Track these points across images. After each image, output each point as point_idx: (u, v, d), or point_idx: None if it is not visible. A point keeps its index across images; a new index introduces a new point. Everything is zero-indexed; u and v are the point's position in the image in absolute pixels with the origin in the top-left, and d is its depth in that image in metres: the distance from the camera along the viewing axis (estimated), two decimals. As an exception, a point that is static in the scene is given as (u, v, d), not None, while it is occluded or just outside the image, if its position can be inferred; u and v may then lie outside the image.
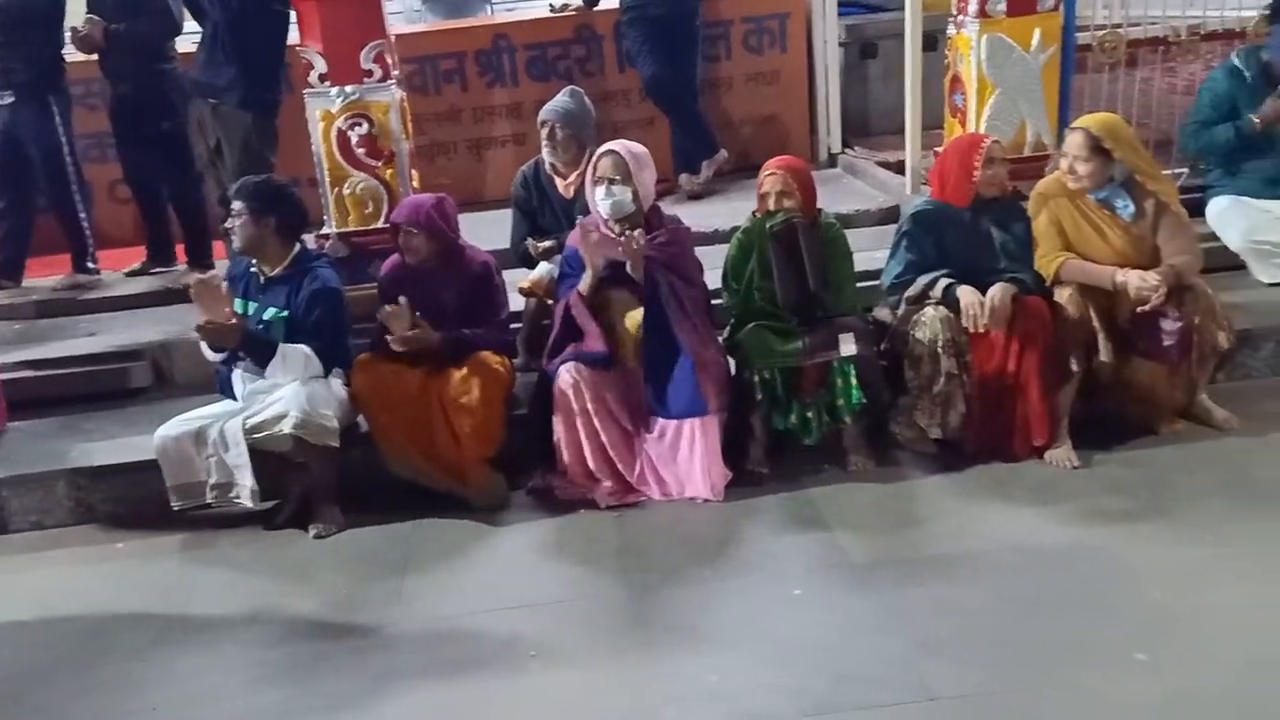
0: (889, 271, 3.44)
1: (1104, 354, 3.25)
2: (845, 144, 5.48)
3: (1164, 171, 4.33)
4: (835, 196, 4.88)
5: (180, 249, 4.75)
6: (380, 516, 3.38)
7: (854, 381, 3.29)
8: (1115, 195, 3.32)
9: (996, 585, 2.73)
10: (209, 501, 3.34)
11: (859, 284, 3.63)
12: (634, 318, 3.31)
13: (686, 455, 3.28)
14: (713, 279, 3.52)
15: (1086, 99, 4.50)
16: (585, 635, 2.74)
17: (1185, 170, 4.41)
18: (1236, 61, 4.11)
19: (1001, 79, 4.01)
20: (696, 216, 4.69)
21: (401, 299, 3.28)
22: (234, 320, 3.26)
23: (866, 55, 5.63)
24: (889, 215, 4.53)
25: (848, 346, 3.24)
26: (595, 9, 5.26)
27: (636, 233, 3.25)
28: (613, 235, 3.31)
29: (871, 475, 3.35)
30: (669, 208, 4.91)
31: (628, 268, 3.25)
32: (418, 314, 3.30)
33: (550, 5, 5.46)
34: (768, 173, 3.38)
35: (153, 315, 4.37)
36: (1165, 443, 3.35)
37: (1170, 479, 3.15)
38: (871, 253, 3.89)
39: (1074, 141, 3.30)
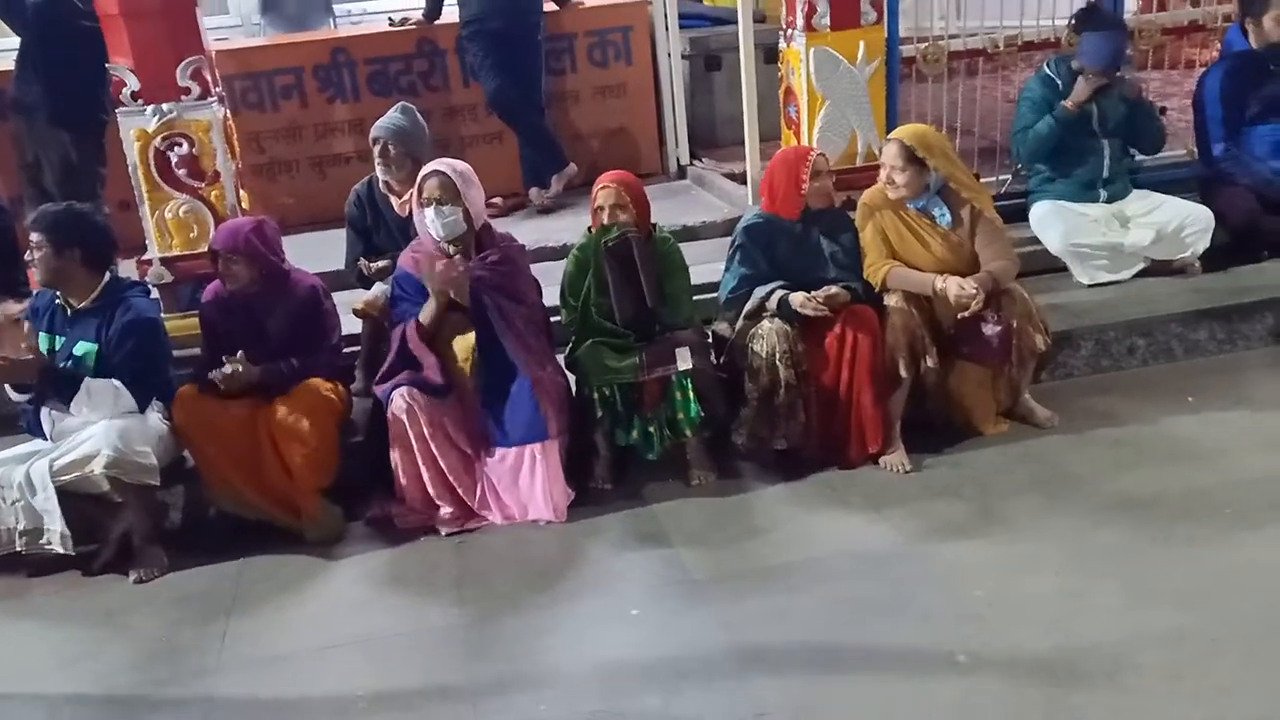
0: (724, 285, 3.40)
1: (930, 359, 3.27)
2: (694, 155, 5.45)
3: (989, 178, 4.49)
4: (683, 208, 4.85)
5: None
6: (207, 557, 3.16)
7: (692, 395, 3.24)
8: (932, 204, 3.35)
9: (828, 593, 2.71)
10: (18, 549, 3.06)
11: (704, 296, 3.60)
12: (463, 342, 3.18)
13: (528, 478, 3.17)
14: (557, 295, 3.41)
15: (914, 109, 4.58)
16: (417, 672, 2.59)
17: (1009, 177, 4.53)
18: (1048, 70, 4.23)
19: (830, 91, 4.03)
20: (546, 231, 4.60)
21: (240, 354, 3.08)
22: (30, 355, 2.99)
23: (711, 67, 5.61)
24: (733, 227, 4.49)
25: (684, 361, 3.19)
26: (436, 23, 5.08)
27: (456, 257, 3.12)
28: (446, 257, 3.17)
29: (713, 489, 3.30)
30: (519, 222, 4.84)
31: (452, 293, 3.11)
32: (238, 354, 3.10)
33: (389, 19, 5.25)
34: (600, 186, 3.30)
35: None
36: (991, 443, 3.40)
37: (994, 479, 3.19)
38: (716, 264, 3.85)
39: (890, 152, 3.32)
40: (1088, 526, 2.89)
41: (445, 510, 3.17)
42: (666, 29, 5.27)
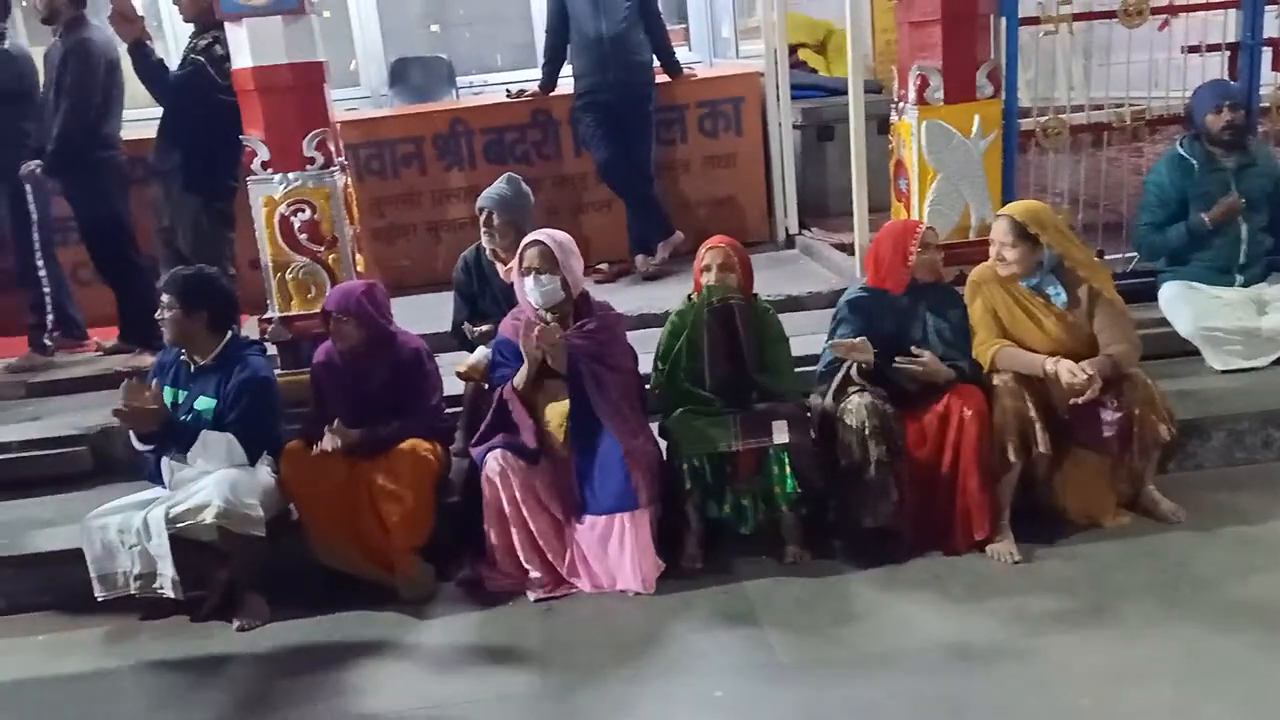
0: (823, 358, 3.38)
1: (1041, 445, 3.16)
2: (803, 225, 5.47)
3: (1115, 255, 4.35)
4: (790, 277, 4.86)
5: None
6: (307, 609, 3.27)
7: (789, 470, 3.20)
8: (1046, 282, 3.27)
9: (922, 689, 2.61)
10: (132, 592, 3.23)
11: (806, 368, 3.58)
12: (558, 408, 3.24)
13: (617, 548, 3.18)
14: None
15: (1034, 181, 4.49)
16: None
17: (1136, 254, 4.37)
18: (1181, 150, 4.08)
19: (942, 164, 4.00)
20: (650, 298, 4.68)
21: (336, 423, 3.23)
22: (153, 406, 3.20)
23: (823, 138, 5.65)
24: (839, 298, 4.48)
25: (780, 434, 3.16)
26: (551, 94, 5.30)
27: (552, 325, 3.20)
28: (543, 324, 3.26)
29: (807, 568, 3.24)
30: (624, 289, 4.94)
31: (547, 359, 3.19)
32: (335, 423, 3.24)
33: (507, 90, 5.50)
34: (709, 247, 3.33)
35: (98, 399, 4.31)
36: (1109, 536, 3.24)
37: (1110, 575, 3.03)
38: (820, 336, 3.83)
39: (999, 228, 3.27)
40: (1210, 634, 2.71)
41: (534, 575, 3.21)
42: (778, 99, 5.34)
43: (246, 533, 3.18)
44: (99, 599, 3.23)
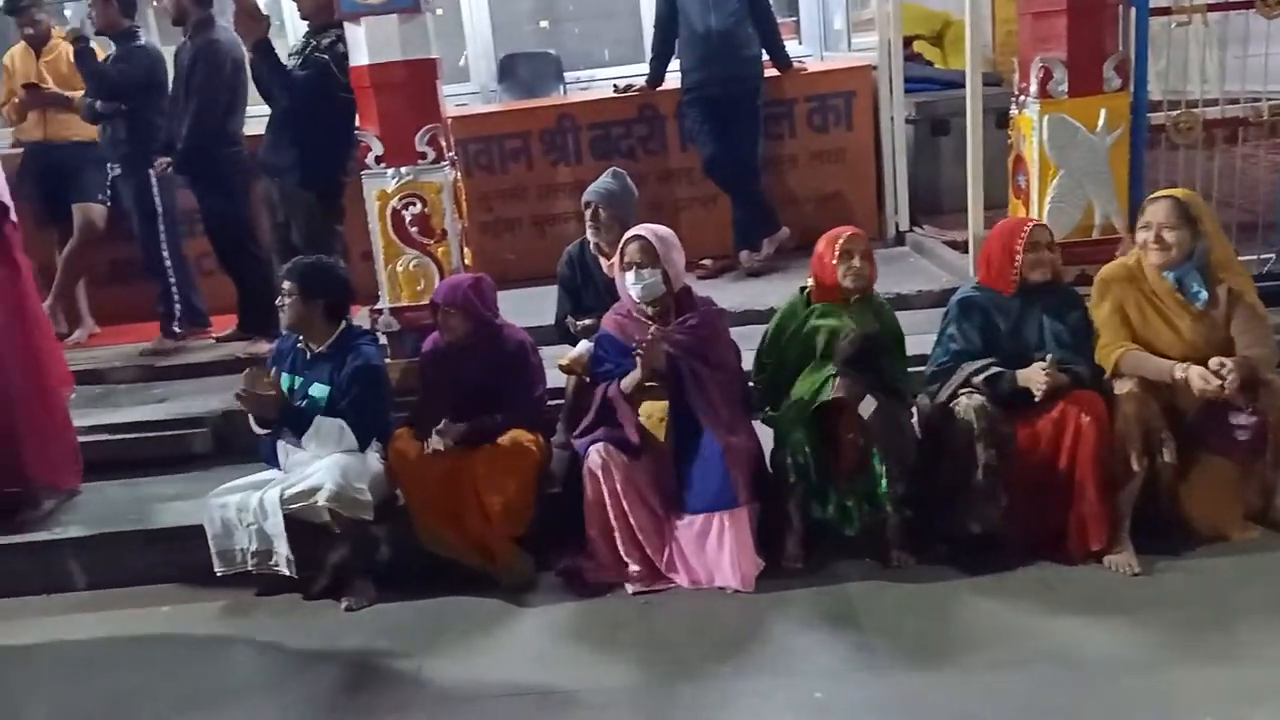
0: (933, 358, 3.34)
1: (1168, 454, 3.06)
2: (914, 222, 5.39)
3: (1248, 256, 4.16)
4: (899, 275, 4.80)
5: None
6: (411, 592, 3.40)
7: (885, 469, 3.17)
8: (1191, 277, 3.13)
9: (1030, 700, 2.57)
10: (249, 568, 3.41)
11: (914, 368, 3.54)
12: (651, 406, 3.29)
13: (715, 545, 3.21)
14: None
15: (1163, 178, 4.32)
16: (593, 729, 2.68)
17: (1273, 256, 4.18)
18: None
19: (1065, 160, 3.89)
20: (754, 294, 4.70)
21: (444, 423, 3.33)
22: (272, 392, 3.37)
23: (938, 132, 5.56)
24: (949, 297, 4.41)
25: (867, 406, 3.13)
26: (658, 89, 5.35)
27: (652, 331, 3.23)
28: (645, 319, 3.31)
29: (912, 573, 3.21)
30: (727, 285, 4.96)
31: (636, 360, 3.24)
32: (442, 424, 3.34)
33: (614, 86, 5.58)
34: (850, 232, 3.30)
35: (220, 384, 4.55)
36: (1236, 550, 3.12)
37: (1235, 592, 2.92)
38: (930, 336, 3.78)
39: (1160, 210, 3.12)
40: (1344, 658, 2.59)
41: (633, 569, 3.26)
42: (891, 93, 5.28)
43: (356, 516, 3.33)
44: (218, 574, 3.42)
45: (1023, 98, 4.03)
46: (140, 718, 2.92)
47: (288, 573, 3.36)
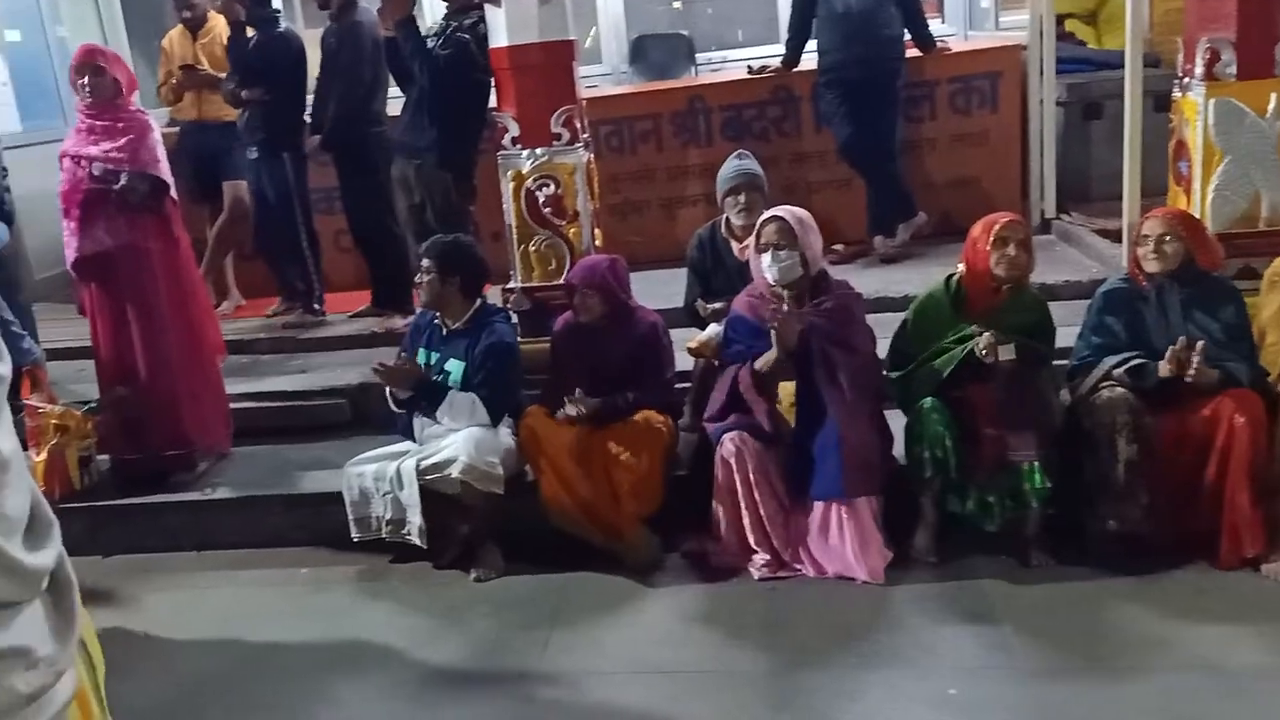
0: (1075, 352, 3.27)
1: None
2: (1061, 209, 5.23)
3: None
4: (1045, 265, 4.61)
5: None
6: (538, 566, 3.52)
7: (1038, 465, 3.11)
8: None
9: (1172, 707, 2.51)
10: (383, 536, 3.59)
11: (1059, 362, 3.46)
12: (787, 388, 3.30)
13: (837, 535, 3.23)
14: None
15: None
16: (717, 711, 2.73)
17: None
18: None
19: (1231, 146, 3.72)
20: (888, 281, 4.65)
21: (579, 393, 3.43)
22: (409, 365, 3.52)
23: (1090, 115, 5.37)
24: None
25: (1006, 351, 3.08)
26: (794, 70, 5.33)
27: (788, 313, 3.25)
28: (779, 301, 3.33)
29: (1053, 572, 3.16)
30: (859, 270, 4.93)
31: (772, 338, 3.25)
32: (578, 393, 3.43)
33: (748, 67, 5.58)
34: (1008, 218, 3.24)
35: (357, 357, 4.78)
36: None
37: None
38: (1074, 329, 3.69)
39: None
40: None
41: (760, 555, 3.30)
42: (1041, 74, 5.14)
43: (487, 489, 3.46)
44: (354, 540, 3.61)
45: (1186, 80, 3.86)
46: (280, 675, 3.10)
47: (419, 542, 3.53)
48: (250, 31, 4.98)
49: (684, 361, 3.81)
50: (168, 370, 4.04)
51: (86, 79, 3.94)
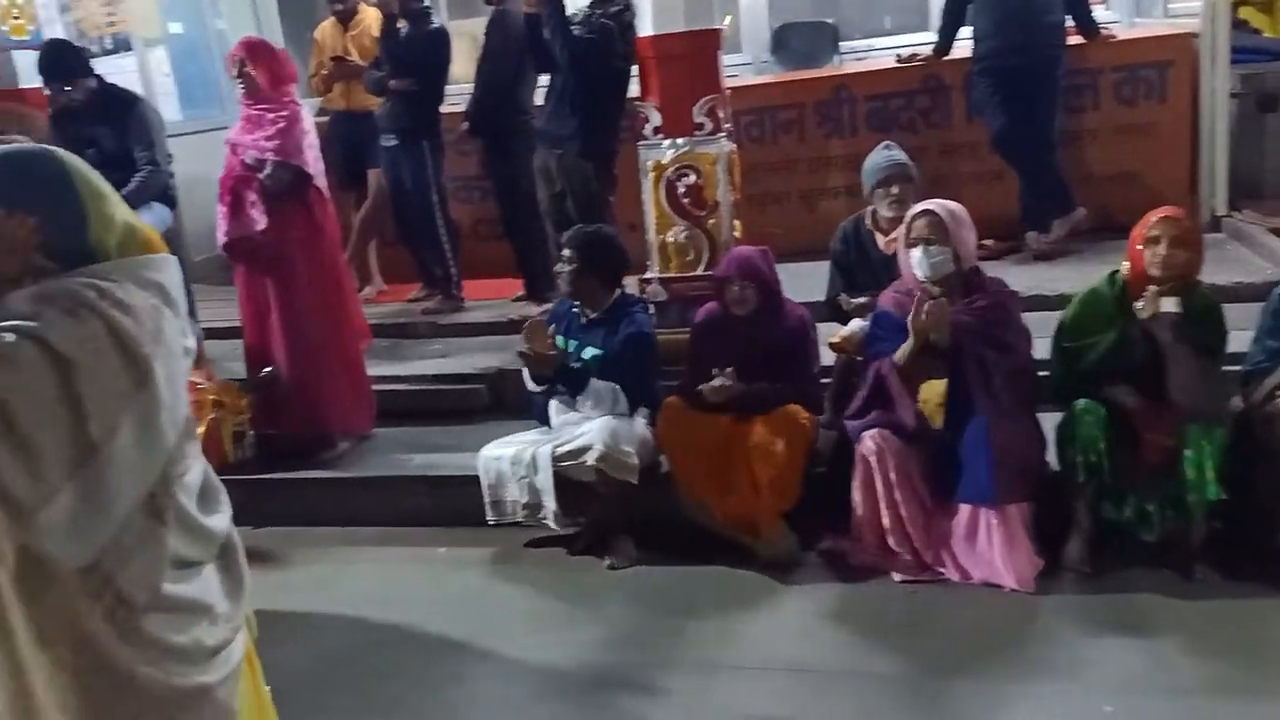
0: (1249, 357, 3.12)
1: None
2: (1233, 206, 4.97)
3: None
4: (1214, 264, 4.39)
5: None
6: (670, 557, 3.56)
7: (1210, 473, 2.98)
8: None
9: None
10: (519, 519, 3.69)
11: (1230, 367, 3.30)
12: (933, 386, 3.25)
13: (985, 541, 3.16)
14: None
15: None
16: (852, 711, 2.72)
17: None
18: None
19: None
20: (1042, 278, 4.52)
21: (730, 371, 3.44)
22: (552, 351, 3.61)
23: (1265, 108, 5.10)
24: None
25: (1170, 304, 2.98)
26: (945, 59, 5.22)
27: (940, 300, 3.19)
28: (929, 298, 3.27)
29: (1219, 587, 3.02)
30: (1010, 267, 4.79)
31: (931, 336, 3.20)
32: (729, 372, 3.44)
33: (897, 56, 5.49)
34: (1162, 214, 3.12)
35: (495, 343, 4.92)
36: None
37: None
38: (1248, 333, 3.51)
39: None
40: None
41: (901, 557, 3.26)
42: (1214, 64, 4.89)
43: (622, 478, 3.52)
44: (490, 522, 3.72)
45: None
46: (415, 651, 3.22)
47: (554, 527, 3.62)
48: (401, 24, 5.16)
49: (824, 356, 3.79)
50: (307, 353, 4.25)
51: (236, 72, 4.18)
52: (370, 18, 5.62)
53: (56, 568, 1.62)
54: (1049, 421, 3.28)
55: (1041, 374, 3.33)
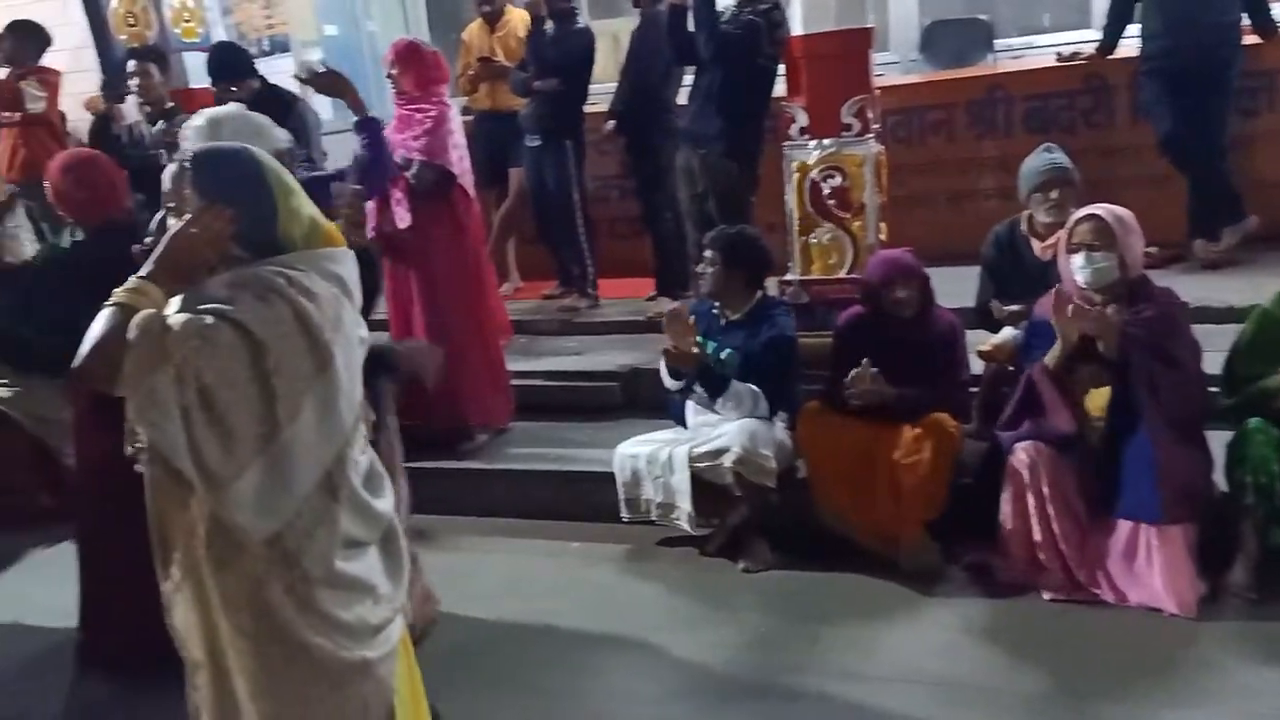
0: None
1: None
2: None
3: None
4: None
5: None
6: (805, 562, 3.57)
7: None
8: None
9: None
10: (653, 518, 3.76)
11: None
12: (1098, 398, 3.16)
13: (1144, 561, 3.07)
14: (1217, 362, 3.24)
15: None
16: (1001, 730, 2.69)
17: None
18: None
19: None
20: (1209, 289, 4.35)
21: (865, 361, 3.43)
22: (695, 349, 3.67)
23: None
24: None
25: None
26: (1109, 57, 5.06)
27: (1110, 307, 3.11)
28: (1088, 306, 3.20)
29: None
30: (1175, 277, 4.60)
31: (1099, 344, 3.12)
32: (875, 369, 3.44)
33: (1058, 54, 5.34)
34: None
35: (630, 341, 5.01)
36: None
37: None
38: None
39: None
40: None
41: (1052, 574, 3.20)
42: None
43: (759, 481, 3.55)
44: (624, 519, 3.80)
45: None
46: (548, 643, 3.31)
47: (688, 528, 3.67)
48: (548, 25, 5.31)
49: (972, 364, 3.73)
50: (450, 348, 4.38)
51: (388, 74, 4.38)
52: (516, 19, 5.79)
53: (244, 538, 1.77)
54: (1218, 440, 3.16)
55: (1211, 389, 3.22)
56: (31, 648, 3.49)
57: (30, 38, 5.98)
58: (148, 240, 1.88)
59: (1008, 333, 3.67)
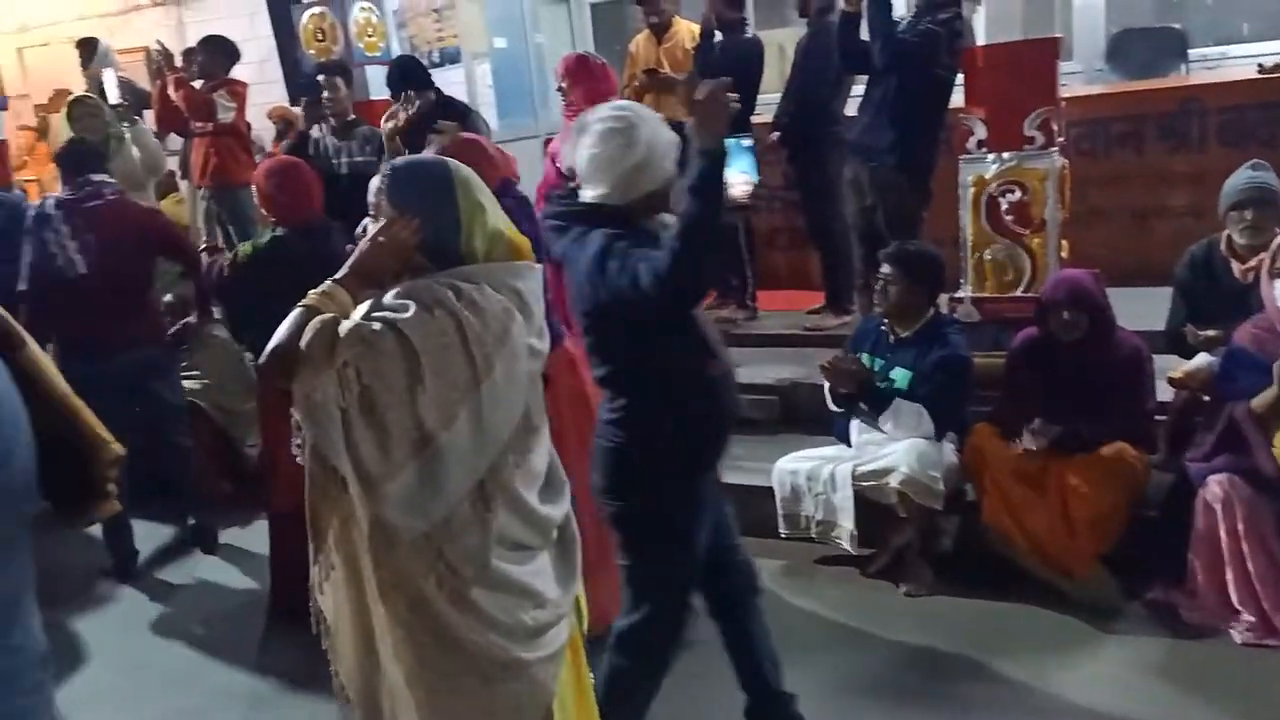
0: None
1: None
2: None
3: None
4: None
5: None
6: (971, 589, 3.52)
7: None
8: None
9: None
10: (812, 535, 3.76)
11: None
12: (1290, 439, 3.02)
13: (1348, 609, 2.90)
14: None
15: None
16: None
17: None
18: None
19: None
20: None
21: (1039, 421, 3.37)
22: (855, 366, 3.66)
23: None
24: None
25: None
26: (1319, 68, 4.81)
27: None
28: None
29: None
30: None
31: (1275, 375, 2.99)
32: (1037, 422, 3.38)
33: (1259, 65, 5.10)
34: None
35: (788, 355, 5.02)
36: None
37: None
38: None
39: None
40: None
41: (1245, 616, 3.07)
42: None
43: (925, 503, 3.51)
44: (782, 535, 3.81)
45: None
46: (703, 655, 3.27)
47: (849, 548, 3.66)
48: (717, 35, 5.39)
49: (1160, 391, 3.60)
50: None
51: (558, 87, 4.54)
52: (684, 30, 5.88)
53: (397, 535, 1.88)
54: None
55: None
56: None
57: (221, 52, 6.42)
58: (348, 248, 2.02)
59: (1202, 359, 3.53)
